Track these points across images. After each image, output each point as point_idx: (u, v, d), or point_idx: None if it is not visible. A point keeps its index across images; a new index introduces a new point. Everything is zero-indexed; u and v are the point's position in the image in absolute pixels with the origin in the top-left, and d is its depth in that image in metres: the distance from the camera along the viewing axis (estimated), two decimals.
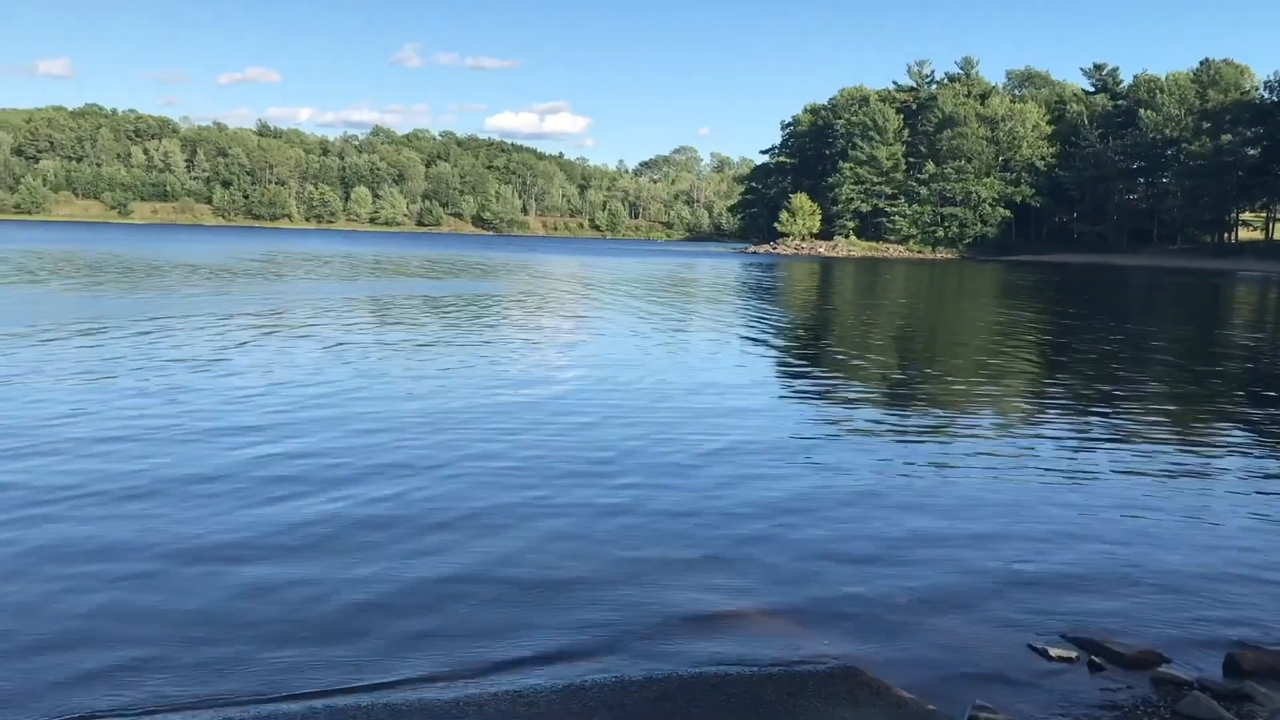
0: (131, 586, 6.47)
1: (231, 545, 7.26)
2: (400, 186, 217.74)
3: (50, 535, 7.39)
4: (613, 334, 22.91)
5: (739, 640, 5.95)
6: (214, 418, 11.64)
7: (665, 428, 11.99)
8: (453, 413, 12.46)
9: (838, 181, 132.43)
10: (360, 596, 6.41)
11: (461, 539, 7.57)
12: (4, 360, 15.71)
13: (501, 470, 9.62)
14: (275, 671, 5.38)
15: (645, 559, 7.32)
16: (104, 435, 10.55)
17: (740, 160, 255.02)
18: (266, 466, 9.47)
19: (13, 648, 5.56)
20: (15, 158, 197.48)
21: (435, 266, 57.39)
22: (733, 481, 9.55)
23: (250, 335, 20.12)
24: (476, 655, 5.66)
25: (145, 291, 31.68)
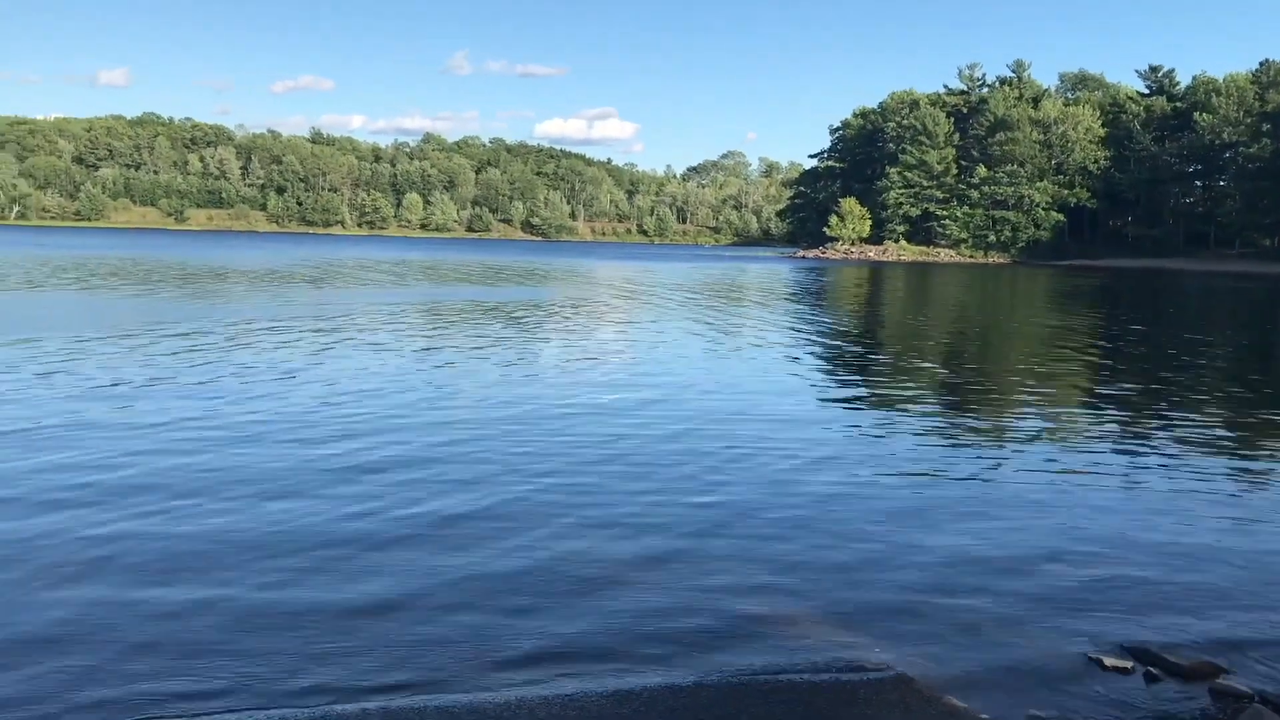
0: (277, 579, 6.70)
1: (329, 541, 7.43)
2: (451, 193, 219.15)
3: (202, 526, 7.72)
4: (664, 340, 22.89)
5: (789, 646, 5.94)
6: (312, 423, 11.87)
7: (715, 432, 11.99)
8: (519, 419, 12.57)
9: (887, 186, 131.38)
10: (411, 593, 6.50)
11: (513, 540, 7.63)
12: (113, 365, 16.12)
13: (553, 470, 9.71)
14: (334, 671, 5.46)
15: (693, 561, 7.34)
16: (224, 438, 10.84)
17: (788, 164, 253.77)
18: (359, 468, 9.74)
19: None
20: (76, 165, 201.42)
21: (491, 273, 57.67)
22: (782, 486, 9.54)
23: (328, 341, 20.52)
24: (528, 657, 5.69)
25: (217, 297, 32.23)
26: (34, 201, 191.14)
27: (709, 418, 13.06)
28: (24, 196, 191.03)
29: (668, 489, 9.34)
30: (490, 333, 23.24)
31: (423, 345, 20.31)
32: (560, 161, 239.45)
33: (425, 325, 24.90)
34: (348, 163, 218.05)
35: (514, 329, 24.57)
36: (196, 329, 21.91)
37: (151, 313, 25.67)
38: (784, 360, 19.94)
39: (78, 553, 7.15)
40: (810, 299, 42.26)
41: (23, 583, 6.58)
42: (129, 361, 16.69)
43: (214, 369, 16.03)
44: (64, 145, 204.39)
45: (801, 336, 24.87)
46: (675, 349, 21.17)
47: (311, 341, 20.34)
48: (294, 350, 18.73)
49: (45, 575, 6.73)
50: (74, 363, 16.15)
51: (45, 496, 8.50)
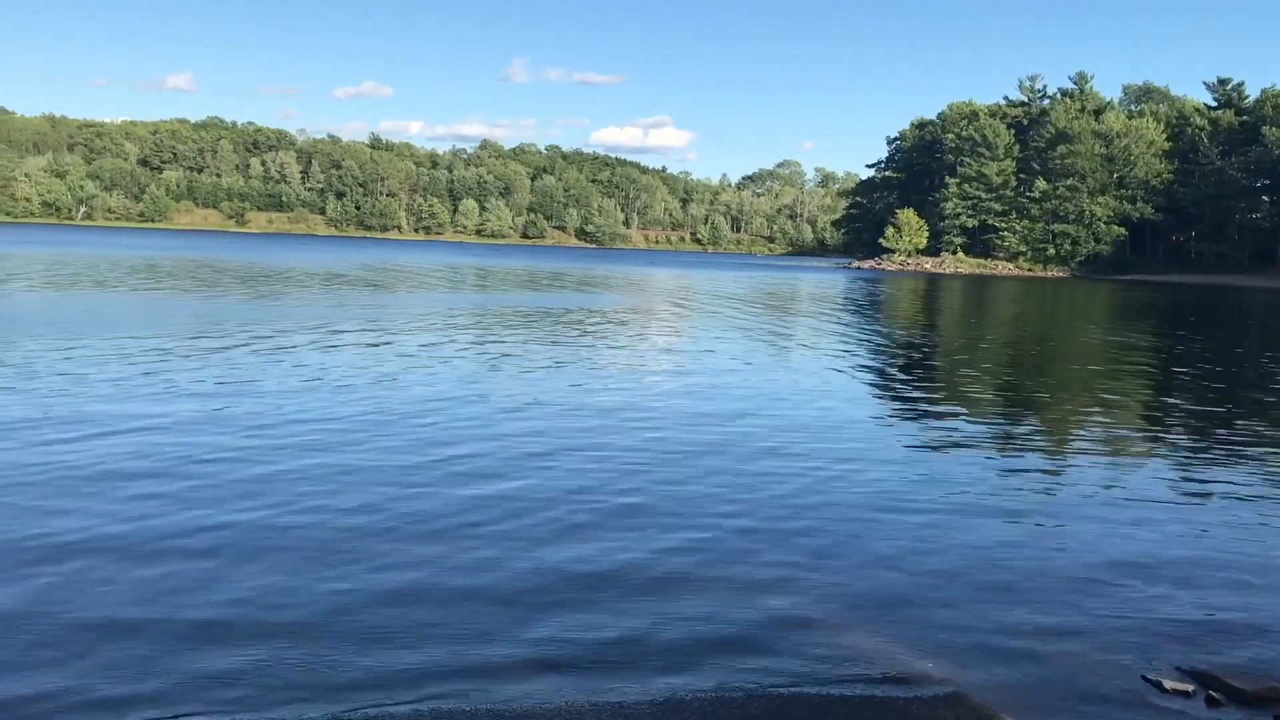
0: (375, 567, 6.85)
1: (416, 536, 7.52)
2: (506, 199, 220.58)
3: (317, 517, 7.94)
4: (719, 348, 22.84)
5: (840, 657, 5.90)
6: (409, 428, 12.04)
7: (767, 440, 11.95)
8: (583, 428, 12.63)
9: (945, 197, 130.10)
10: (460, 593, 6.54)
11: (562, 549, 7.66)
12: (215, 367, 16.47)
13: (605, 480, 9.73)
14: (391, 673, 5.52)
15: (747, 571, 7.32)
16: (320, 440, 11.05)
17: (845, 175, 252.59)
18: (445, 465, 9.97)
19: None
20: (141, 168, 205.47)
21: (553, 280, 57.96)
22: (832, 497, 9.49)
23: (405, 345, 20.80)
24: (577, 660, 5.71)
25: (289, 299, 32.70)
26: (100, 203, 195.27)
27: (761, 425, 13.02)
28: (91, 198, 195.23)
29: (718, 497, 9.32)
30: (566, 341, 23.34)
31: (490, 351, 20.47)
32: (615, 169, 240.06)
33: (488, 331, 25.07)
34: (405, 168, 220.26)
35: (580, 337, 24.64)
36: (280, 330, 22.39)
37: (232, 314, 26.18)
38: (839, 371, 19.81)
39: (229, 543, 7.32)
40: (868, 310, 41.96)
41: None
42: (229, 362, 17.00)
43: (304, 371, 16.28)
44: (130, 148, 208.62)
45: (858, 348, 24.70)
46: (732, 357, 21.10)
47: (392, 346, 20.64)
48: (378, 353, 19.03)
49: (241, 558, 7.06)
50: (169, 363, 16.51)
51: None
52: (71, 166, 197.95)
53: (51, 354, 16.86)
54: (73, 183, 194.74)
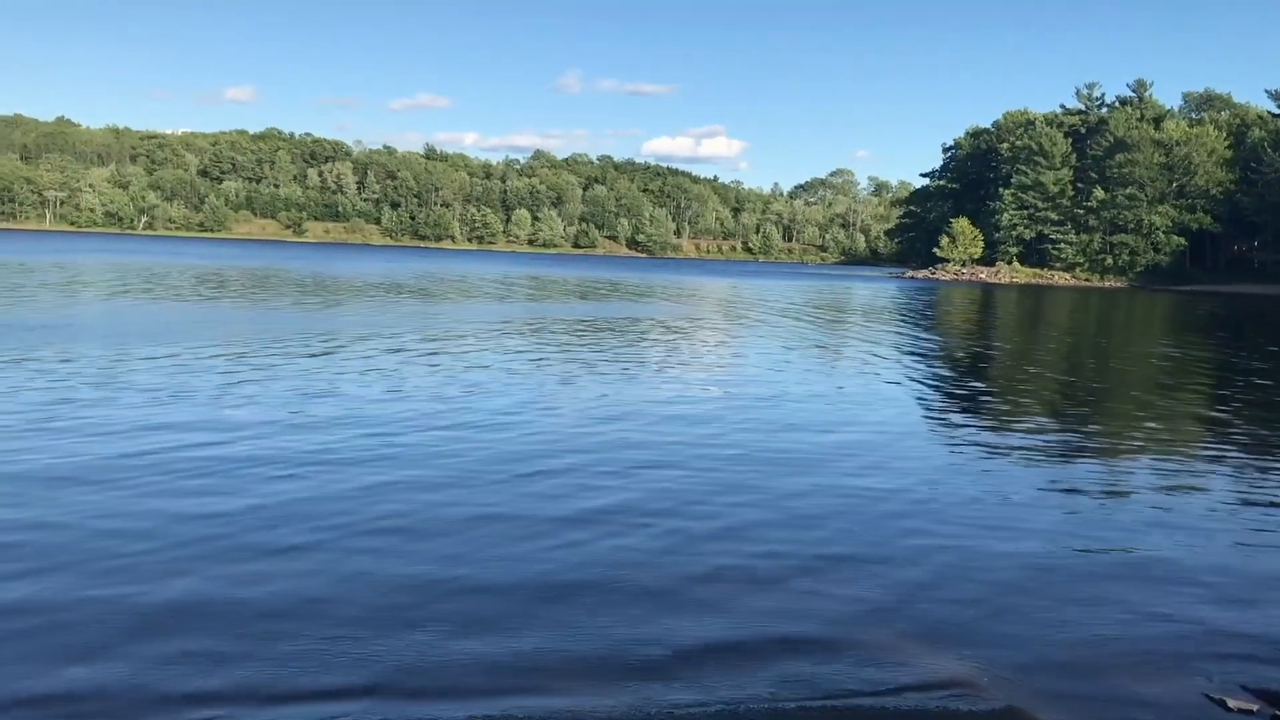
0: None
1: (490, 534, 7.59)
2: (558, 209, 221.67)
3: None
4: (771, 358, 22.80)
5: (893, 671, 5.86)
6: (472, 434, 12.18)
7: (820, 448, 11.90)
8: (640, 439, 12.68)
9: (1001, 207, 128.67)
10: (551, 592, 6.59)
11: (616, 551, 7.68)
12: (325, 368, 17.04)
13: (664, 480, 9.76)
14: (438, 669, 5.57)
15: (799, 579, 7.31)
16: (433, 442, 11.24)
17: (898, 183, 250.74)
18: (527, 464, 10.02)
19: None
20: (201, 178, 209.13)
21: (611, 289, 58.09)
22: (885, 505, 9.45)
23: (469, 353, 21.01)
24: (636, 666, 5.73)
25: (354, 307, 33.19)
26: (161, 213, 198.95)
27: (818, 434, 12.97)
28: (152, 208, 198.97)
29: (769, 504, 9.30)
30: (630, 351, 23.37)
31: (555, 359, 20.61)
32: (667, 179, 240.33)
33: (552, 341, 25.12)
34: (459, 179, 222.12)
35: (643, 346, 24.68)
36: (359, 339, 22.78)
37: (310, 323, 26.72)
38: (893, 381, 19.67)
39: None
40: (921, 320, 41.62)
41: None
42: (320, 372, 17.30)
43: (392, 381, 16.47)
44: (190, 159, 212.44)
45: (912, 358, 24.51)
46: (785, 366, 21.04)
47: (465, 356, 20.83)
48: (454, 363, 19.17)
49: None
50: (257, 372, 16.83)
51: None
52: (134, 177, 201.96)
53: (155, 361, 17.39)
54: (135, 193, 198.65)
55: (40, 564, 7.00)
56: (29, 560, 7.07)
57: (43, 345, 18.83)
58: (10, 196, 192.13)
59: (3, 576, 6.75)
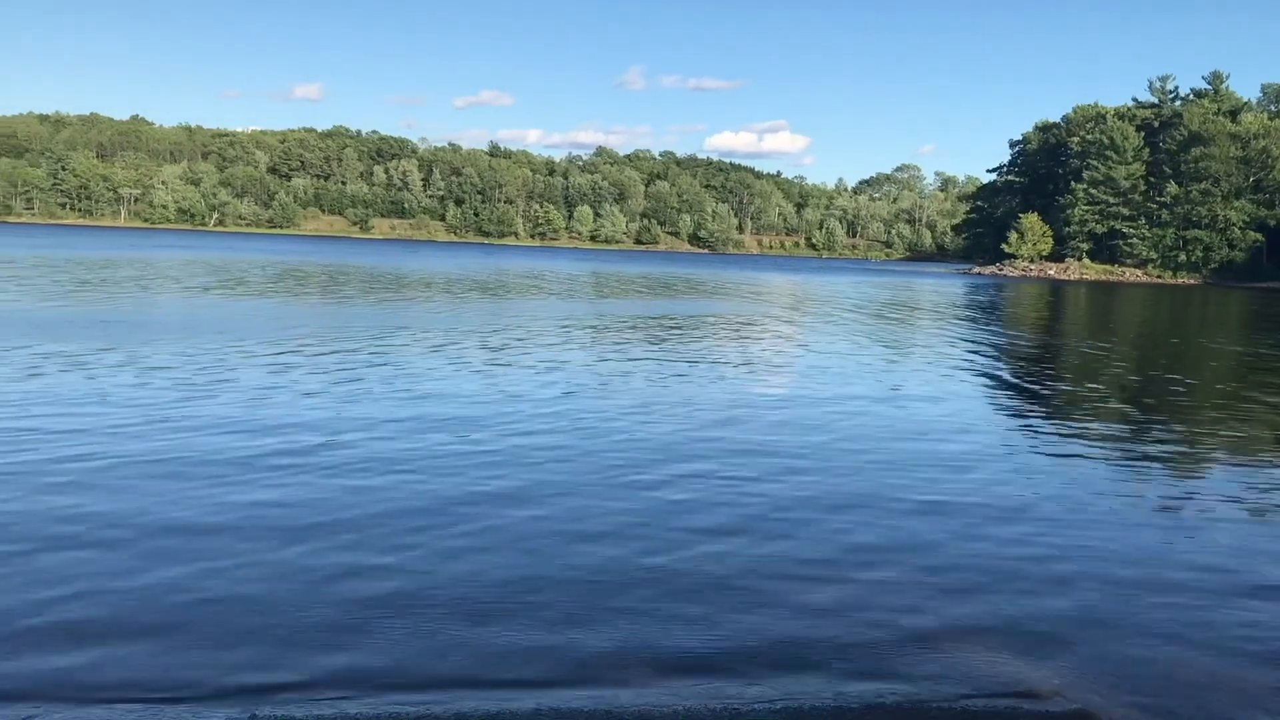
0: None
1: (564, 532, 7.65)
2: (620, 205, 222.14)
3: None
4: (836, 356, 22.62)
5: (962, 671, 5.78)
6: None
7: (892, 451, 11.78)
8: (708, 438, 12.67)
9: (1070, 202, 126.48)
10: (588, 596, 6.59)
11: (687, 546, 7.65)
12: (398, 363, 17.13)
13: (733, 480, 9.72)
14: (478, 662, 5.61)
15: (869, 576, 7.25)
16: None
17: (965, 179, 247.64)
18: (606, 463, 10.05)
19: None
20: (270, 175, 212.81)
21: (687, 285, 58.07)
22: (953, 502, 9.32)
23: (553, 347, 21.10)
24: (693, 662, 5.71)
25: (434, 302, 33.64)
26: (232, 209, 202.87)
27: (881, 434, 12.85)
28: (223, 204, 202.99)
29: (839, 502, 9.22)
30: (715, 349, 23.31)
31: (639, 358, 20.59)
32: (729, 174, 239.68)
33: (629, 336, 25.21)
34: (523, 175, 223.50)
35: (723, 345, 24.63)
36: (450, 335, 23.03)
37: (392, 319, 27.21)
38: (961, 379, 19.43)
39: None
40: (989, 317, 41.05)
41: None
42: (420, 369, 17.48)
43: (490, 379, 16.59)
44: (260, 156, 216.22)
45: (980, 356, 24.16)
46: (851, 365, 20.87)
47: (554, 355, 20.94)
48: (547, 363, 19.12)
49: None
50: (359, 368, 17.09)
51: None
52: (205, 174, 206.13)
53: (251, 355, 17.81)
54: (206, 190, 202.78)
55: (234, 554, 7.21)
56: (209, 555, 7.27)
57: (152, 341, 19.32)
58: (87, 194, 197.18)
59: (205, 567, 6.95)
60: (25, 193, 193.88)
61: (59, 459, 9.72)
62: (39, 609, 6.15)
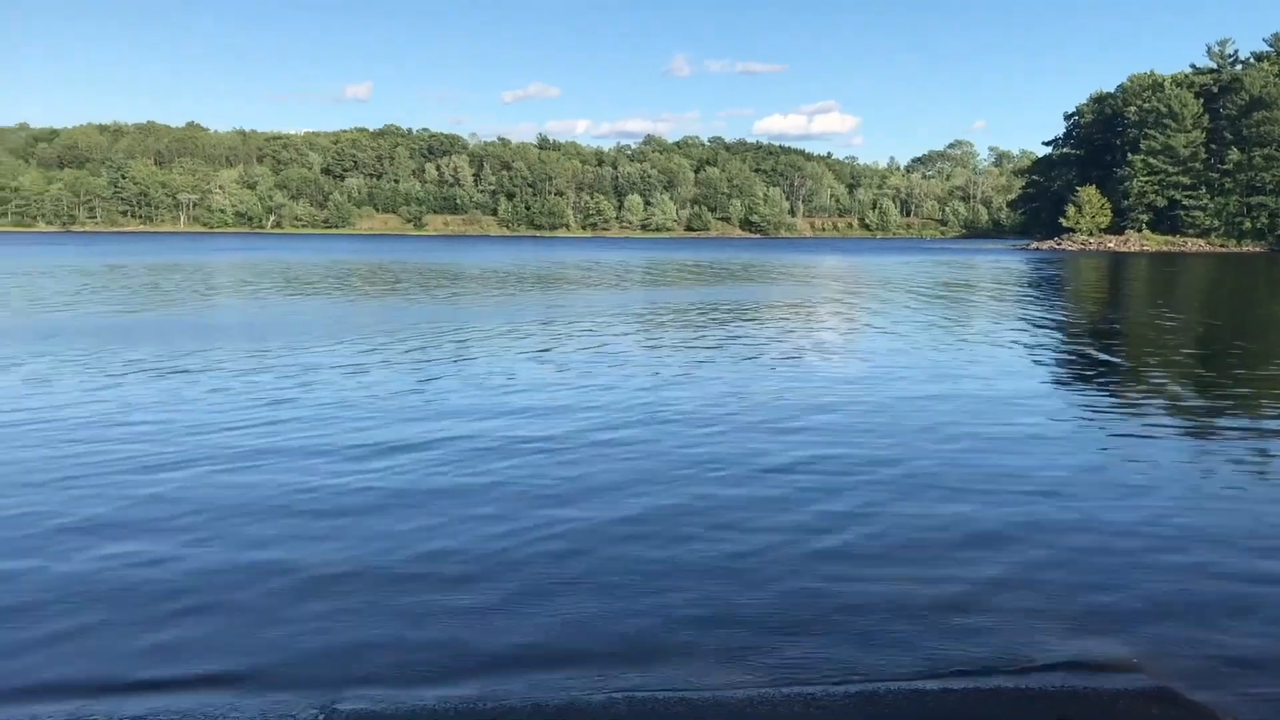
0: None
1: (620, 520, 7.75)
2: (670, 193, 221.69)
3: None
4: (893, 338, 22.42)
5: (1040, 647, 5.73)
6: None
7: (958, 431, 11.68)
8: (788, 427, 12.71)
9: (1129, 173, 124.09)
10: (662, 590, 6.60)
11: (776, 550, 7.62)
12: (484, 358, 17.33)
13: (798, 462, 9.67)
14: (557, 653, 5.64)
15: (938, 557, 7.21)
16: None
17: (1020, 153, 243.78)
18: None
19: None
20: (324, 176, 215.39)
21: (747, 271, 57.94)
22: (1030, 485, 9.18)
23: (622, 339, 21.21)
24: (764, 650, 5.69)
25: (499, 298, 34.01)
26: (288, 211, 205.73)
27: (945, 413, 12.75)
28: (279, 206, 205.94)
29: (902, 484, 9.16)
30: (774, 336, 23.18)
31: (719, 345, 20.60)
32: (779, 158, 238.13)
33: (671, 324, 25.26)
34: (572, 167, 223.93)
35: (785, 331, 24.54)
36: (536, 328, 23.38)
37: (475, 315, 27.58)
38: (1025, 359, 19.12)
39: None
40: (1049, 293, 40.41)
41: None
42: (495, 355, 17.76)
43: (564, 370, 16.71)
44: (314, 158, 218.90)
45: (1043, 334, 23.78)
46: (908, 346, 20.70)
47: (624, 340, 21.21)
48: (621, 353, 19.21)
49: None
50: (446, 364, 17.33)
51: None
52: (261, 177, 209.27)
53: (334, 351, 18.18)
54: (262, 192, 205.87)
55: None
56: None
57: (248, 344, 19.79)
58: (147, 200, 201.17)
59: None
60: (88, 202, 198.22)
61: (208, 455, 9.99)
62: (120, 593, 6.31)
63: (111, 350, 18.37)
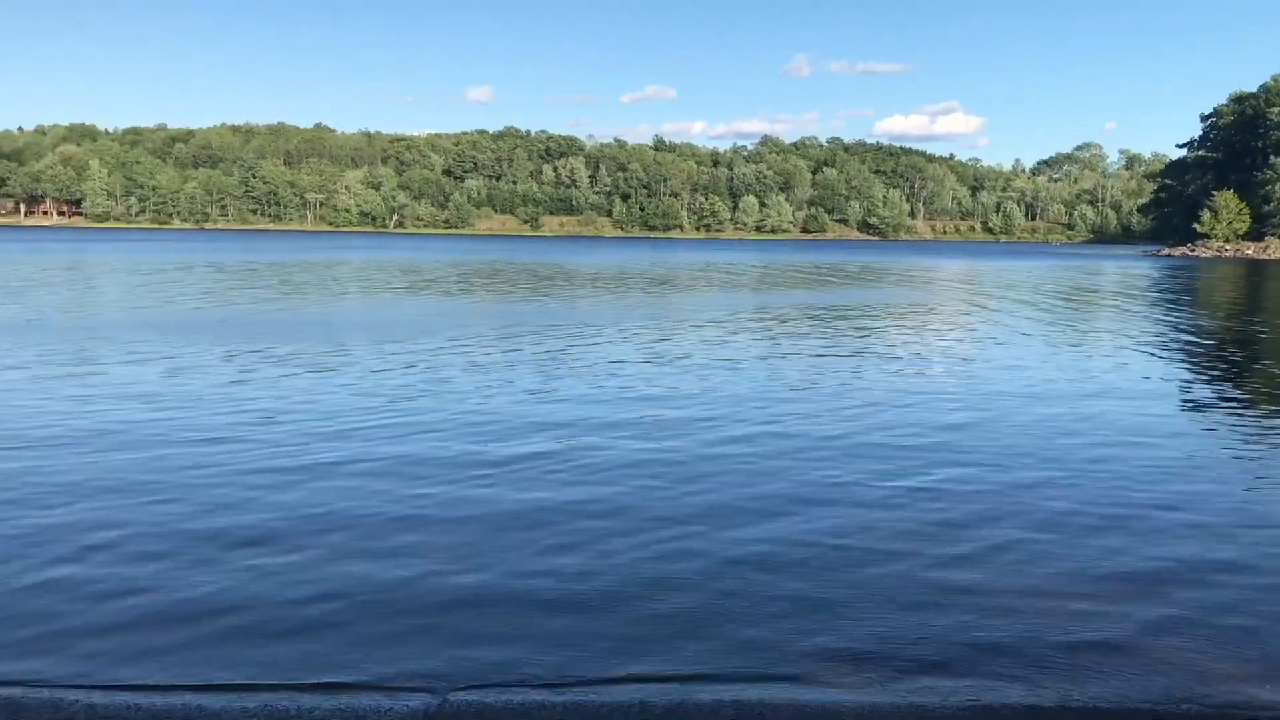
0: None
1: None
2: (786, 194, 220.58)
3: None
4: (1023, 349, 21.81)
5: (1165, 675, 5.42)
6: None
7: (1101, 454, 11.23)
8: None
9: (1270, 177, 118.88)
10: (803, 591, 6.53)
11: (884, 560, 7.50)
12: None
13: (924, 470, 9.54)
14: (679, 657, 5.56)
15: (1067, 575, 6.94)
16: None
17: (1152, 156, 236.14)
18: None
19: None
20: (445, 177, 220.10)
21: (871, 275, 57.51)
22: (1179, 519, 8.73)
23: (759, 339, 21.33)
24: (879, 658, 5.59)
25: (633, 298, 34.36)
26: (410, 211, 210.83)
27: (1085, 435, 12.33)
28: (402, 207, 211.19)
29: (1035, 500, 8.93)
30: (908, 340, 23.03)
31: (784, 353, 20.57)
32: (900, 159, 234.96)
33: (793, 327, 25.12)
34: (687, 168, 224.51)
35: (917, 336, 24.24)
36: (658, 328, 23.64)
37: (612, 314, 27.97)
38: (1166, 375, 18.30)
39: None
40: (1185, 302, 38.93)
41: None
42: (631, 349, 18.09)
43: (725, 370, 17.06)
44: (436, 159, 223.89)
45: (1184, 347, 22.85)
46: (1038, 358, 20.11)
47: (753, 338, 21.32)
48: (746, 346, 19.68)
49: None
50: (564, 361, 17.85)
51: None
52: (385, 178, 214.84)
53: (466, 352, 18.69)
54: (386, 193, 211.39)
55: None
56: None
57: (406, 340, 20.47)
58: (276, 199, 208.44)
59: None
60: (220, 200, 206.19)
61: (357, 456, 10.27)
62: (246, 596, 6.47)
63: (259, 348, 18.91)
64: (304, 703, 4.96)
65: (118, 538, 7.49)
